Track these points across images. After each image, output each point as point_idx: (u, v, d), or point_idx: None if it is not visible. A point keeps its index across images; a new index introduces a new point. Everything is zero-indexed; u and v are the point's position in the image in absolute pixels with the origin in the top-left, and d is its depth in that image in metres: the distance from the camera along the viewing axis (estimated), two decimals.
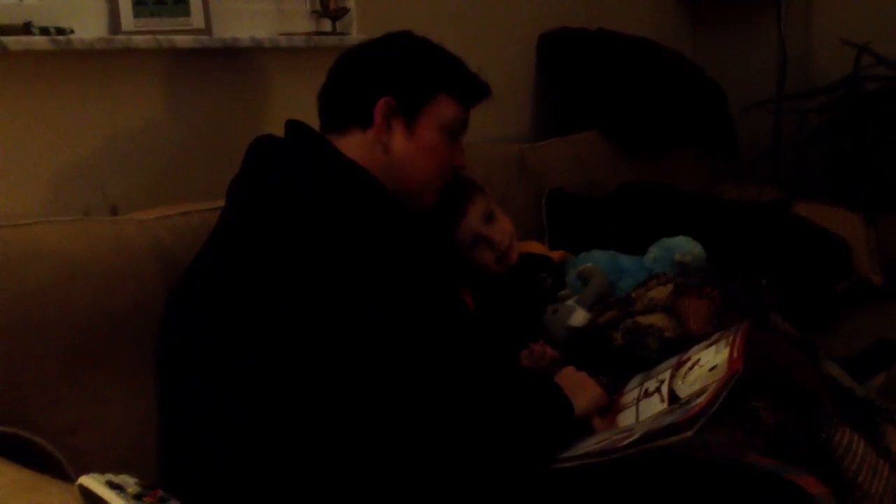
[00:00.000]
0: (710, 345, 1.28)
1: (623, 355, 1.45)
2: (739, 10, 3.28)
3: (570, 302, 1.57)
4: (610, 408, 1.33)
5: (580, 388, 1.31)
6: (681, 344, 1.39)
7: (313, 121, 1.42)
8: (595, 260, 1.75)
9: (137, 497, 0.83)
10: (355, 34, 2.04)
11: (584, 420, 1.27)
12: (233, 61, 1.82)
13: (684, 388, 1.20)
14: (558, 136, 2.50)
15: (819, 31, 3.13)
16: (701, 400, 1.08)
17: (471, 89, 1.46)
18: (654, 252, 1.74)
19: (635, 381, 1.37)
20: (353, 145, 1.36)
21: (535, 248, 1.82)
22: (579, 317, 1.54)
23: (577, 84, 2.62)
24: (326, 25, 2.02)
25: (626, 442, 1.08)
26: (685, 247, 1.71)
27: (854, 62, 2.84)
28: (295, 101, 1.87)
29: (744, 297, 1.51)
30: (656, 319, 1.47)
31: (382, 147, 1.37)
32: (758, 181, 2.98)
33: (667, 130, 2.63)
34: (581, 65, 2.61)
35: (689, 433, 1.03)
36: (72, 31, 1.55)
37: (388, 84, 1.37)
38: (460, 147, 1.48)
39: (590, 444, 1.16)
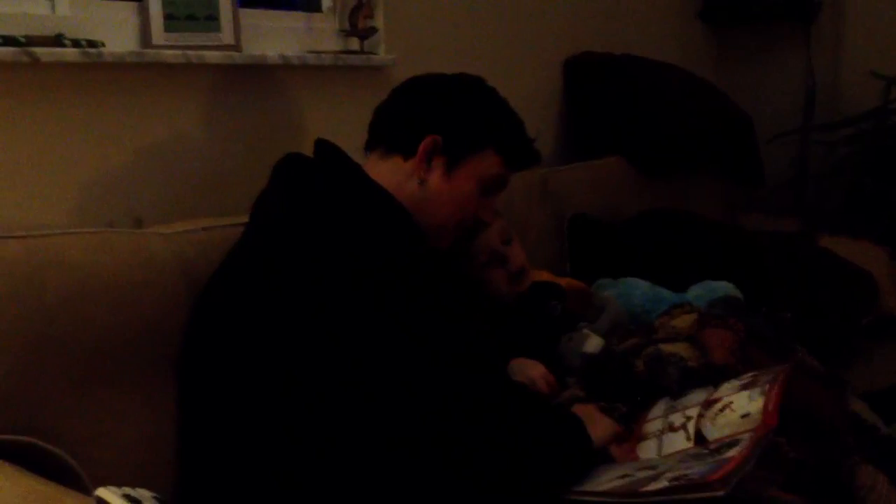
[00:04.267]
0: (744, 388, 1.25)
1: (644, 383, 1.43)
2: (767, 38, 3.28)
3: (585, 329, 1.57)
4: (629, 435, 1.31)
5: (594, 419, 1.30)
6: (703, 374, 1.37)
7: (340, 138, 1.41)
8: (634, 287, 1.75)
9: None
10: (383, 53, 2.05)
11: (601, 449, 1.26)
12: (261, 78, 1.83)
13: (713, 431, 1.18)
14: (581, 160, 2.49)
15: (848, 62, 3.12)
16: (734, 454, 1.06)
17: (520, 154, 1.46)
18: (696, 291, 1.74)
19: (658, 408, 1.35)
20: (389, 171, 1.36)
21: (545, 276, 1.82)
22: (594, 342, 1.54)
23: (600, 109, 2.62)
24: (355, 44, 2.03)
25: (651, 488, 1.06)
26: (729, 292, 1.71)
27: (883, 94, 2.82)
28: (322, 118, 1.89)
29: (767, 331, 1.50)
30: (679, 348, 1.46)
31: (418, 181, 1.37)
32: (780, 211, 2.96)
33: (691, 158, 2.62)
34: (605, 90, 2.61)
35: (722, 492, 0.99)
36: (103, 45, 1.56)
37: (440, 123, 1.37)
38: (491, 204, 1.48)
39: (611, 478, 1.14)
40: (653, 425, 1.30)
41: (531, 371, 1.44)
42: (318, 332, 1.12)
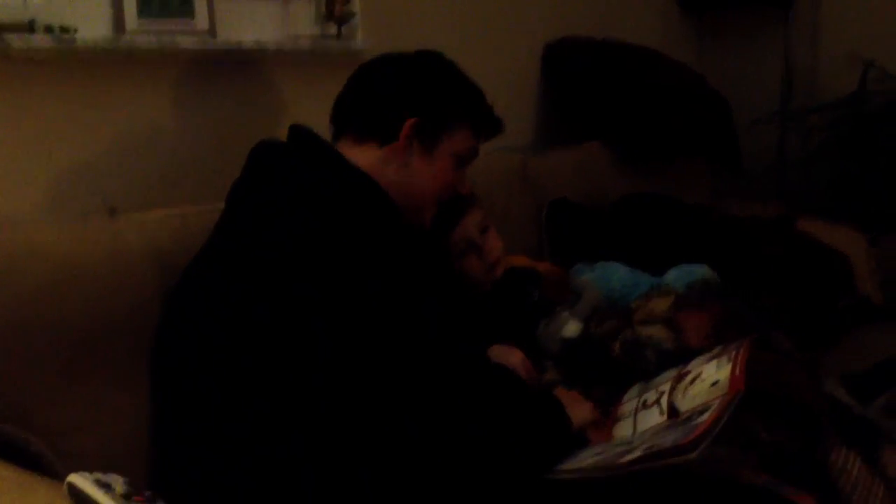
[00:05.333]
0: (712, 358, 1.27)
1: (621, 366, 1.44)
2: (746, 22, 3.28)
3: (564, 313, 1.57)
4: (606, 419, 1.32)
5: (573, 403, 1.31)
6: (679, 356, 1.38)
7: (317, 124, 1.40)
8: (612, 271, 1.76)
9: (126, 496, 0.83)
10: (360, 39, 2.04)
11: (580, 431, 1.27)
12: (237, 64, 1.82)
13: (685, 403, 1.19)
14: (561, 146, 2.49)
15: (826, 46, 3.13)
16: (704, 419, 1.07)
17: (490, 125, 1.48)
18: (673, 274, 1.75)
19: (633, 391, 1.37)
20: (365, 157, 1.36)
21: (522, 261, 1.82)
22: (572, 328, 1.54)
23: (581, 93, 2.62)
24: (332, 29, 2.01)
25: (626, 459, 1.07)
26: (705, 274, 1.72)
27: (860, 78, 2.83)
28: (299, 105, 1.88)
29: (744, 312, 1.51)
30: (656, 331, 1.46)
31: (398, 164, 1.37)
32: (761, 196, 2.97)
33: (670, 141, 2.62)
34: (585, 74, 2.61)
35: (692, 455, 1.02)
36: (76, 30, 1.55)
37: (417, 106, 1.37)
38: (464, 174, 1.49)
39: (588, 457, 1.16)
40: (628, 406, 1.31)
41: (509, 357, 1.45)
42: (299, 321, 1.12)
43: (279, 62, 1.90)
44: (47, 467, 1.09)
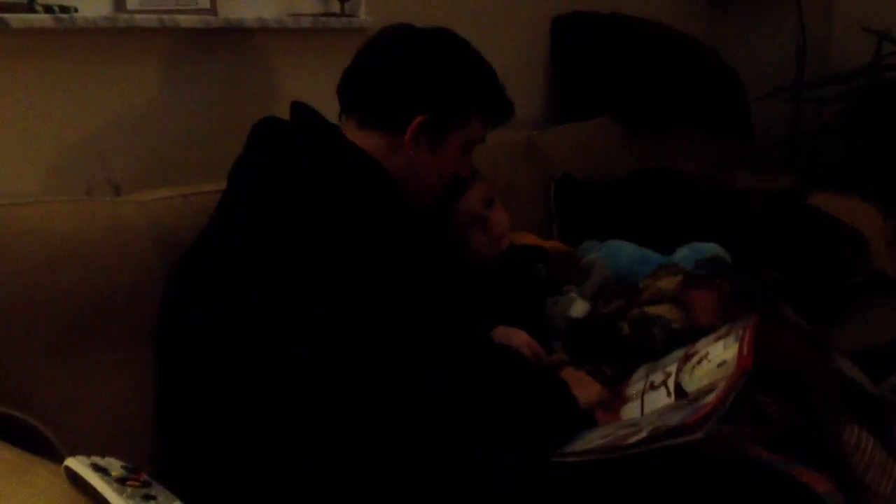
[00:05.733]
0: (719, 338, 1.25)
1: (629, 345, 1.43)
2: None
3: (572, 293, 1.56)
4: (615, 400, 1.31)
5: (581, 383, 1.29)
6: (688, 335, 1.37)
7: (320, 103, 1.39)
8: (620, 249, 1.74)
9: (121, 480, 0.83)
10: (364, 16, 2.01)
11: (587, 413, 1.25)
12: (238, 42, 1.80)
13: (692, 383, 1.18)
14: (569, 121, 2.46)
15: (839, 18, 3.08)
16: (710, 399, 1.06)
17: (501, 113, 1.44)
18: (682, 252, 1.73)
19: (640, 372, 1.35)
20: (370, 141, 1.33)
21: (529, 239, 1.80)
22: (579, 307, 1.53)
23: (588, 67, 2.59)
24: (335, 6, 1.99)
25: (632, 440, 1.06)
26: (716, 252, 1.70)
27: (875, 50, 2.79)
28: (301, 83, 1.86)
29: (754, 290, 1.49)
30: (664, 310, 1.45)
31: (403, 153, 1.34)
32: (773, 169, 2.94)
33: (679, 114, 2.60)
34: (593, 48, 2.58)
35: (699, 434, 1.01)
36: (75, 10, 1.53)
37: (427, 102, 1.33)
38: (469, 160, 1.47)
39: (594, 439, 1.15)
40: (635, 387, 1.30)
41: (514, 338, 1.43)
42: (303, 301, 1.11)
43: (281, 39, 1.87)
44: (47, 447, 1.09)
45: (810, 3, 3.06)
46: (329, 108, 1.39)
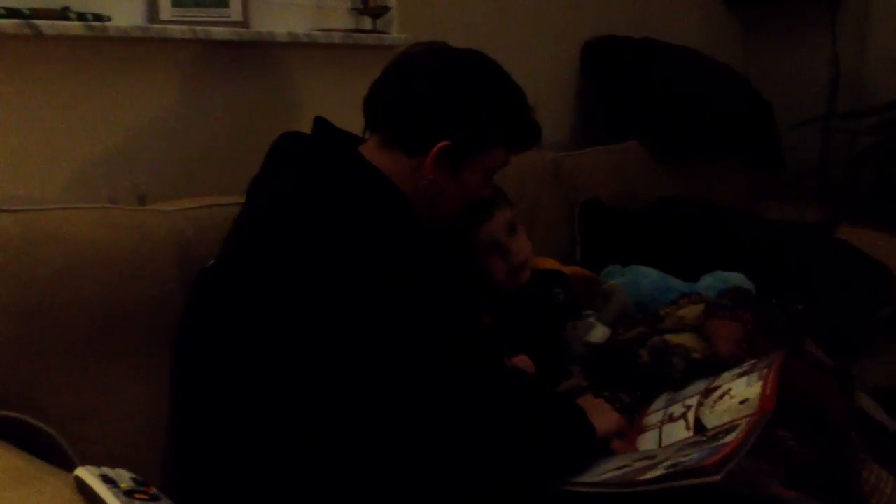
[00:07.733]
0: (742, 374, 1.23)
1: (648, 373, 1.41)
2: (793, 23, 3.22)
3: (591, 318, 1.54)
4: (631, 428, 1.29)
5: (599, 411, 1.27)
6: (708, 366, 1.35)
7: (348, 118, 1.39)
8: (643, 275, 1.72)
9: (129, 493, 0.83)
10: (396, 32, 2.02)
11: (604, 441, 1.24)
12: (269, 55, 1.81)
13: (711, 419, 1.16)
14: (597, 145, 2.45)
15: (873, 49, 3.05)
16: (730, 440, 1.04)
17: (526, 142, 1.43)
18: (707, 281, 1.71)
19: (660, 402, 1.33)
20: (391, 161, 1.31)
21: (549, 263, 1.78)
22: (599, 333, 1.51)
23: (619, 93, 2.58)
24: (366, 23, 2.00)
25: (648, 476, 1.04)
26: (740, 283, 1.69)
27: None
28: (330, 99, 1.87)
29: (778, 322, 1.46)
30: (685, 339, 1.43)
31: (424, 176, 1.32)
32: (804, 200, 2.91)
33: (710, 143, 2.58)
34: (624, 73, 2.57)
35: (717, 476, 0.97)
36: (109, 19, 1.55)
37: (451, 129, 1.31)
38: (491, 182, 1.45)
39: (609, 469, 1.13)
40: (653, 417, 1.28)
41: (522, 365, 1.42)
42: (317, 318, 1.10)
43: (311, 54, 1.88)
44: (61, 456, 1.09)
45: (845, 33, 3.04)
46: (356, 124, 1.39)
